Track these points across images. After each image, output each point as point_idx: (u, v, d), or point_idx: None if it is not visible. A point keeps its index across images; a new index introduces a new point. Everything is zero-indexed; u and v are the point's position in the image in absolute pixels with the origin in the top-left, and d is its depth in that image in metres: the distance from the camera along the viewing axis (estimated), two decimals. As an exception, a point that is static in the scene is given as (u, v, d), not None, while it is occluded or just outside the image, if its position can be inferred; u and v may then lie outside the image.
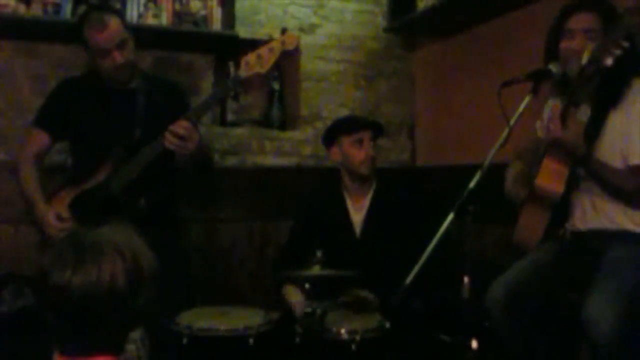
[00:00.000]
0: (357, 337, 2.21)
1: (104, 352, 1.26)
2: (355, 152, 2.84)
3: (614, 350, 1.83)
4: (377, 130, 2.92)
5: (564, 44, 2.23)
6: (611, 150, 2.12)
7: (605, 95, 2.11)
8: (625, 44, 1.93)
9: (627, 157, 2.10)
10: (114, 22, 2.60)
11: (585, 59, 2.02)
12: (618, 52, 1.93)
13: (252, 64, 2.57)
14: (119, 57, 2.60)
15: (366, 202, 2.84)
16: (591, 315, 1.87)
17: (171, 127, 2.52)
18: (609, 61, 1.96)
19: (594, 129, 2.12)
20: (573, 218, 2.30)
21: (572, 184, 2.22)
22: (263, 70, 2.59)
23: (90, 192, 2.58)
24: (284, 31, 2.62)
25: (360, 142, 2.84)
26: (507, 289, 2.18)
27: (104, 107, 2.71)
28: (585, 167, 2.15)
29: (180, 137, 2.51)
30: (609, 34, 1.97)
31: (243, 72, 2.58)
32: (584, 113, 2.15)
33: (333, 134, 2.92)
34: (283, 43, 2.58)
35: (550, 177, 2.19)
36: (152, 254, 1.31)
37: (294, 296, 2.60)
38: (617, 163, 2.12)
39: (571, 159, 2.13)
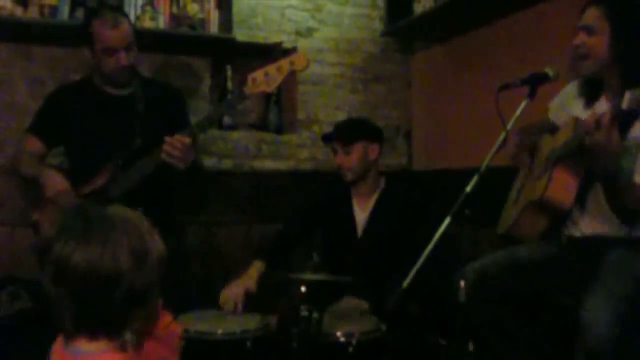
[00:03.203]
0: (354, 340, 2.21)
1: (104, 334, 1.25)
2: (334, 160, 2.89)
3: (610, 354, 1.83)
4: (351, 137, 2.85)
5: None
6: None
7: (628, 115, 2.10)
8: None
9: (633, 173, 2.07)
10: (126, 24, 2.64)
11: (625, 104, 1.94)
12: None
13: (259, 82, 2.52)
14: (124, 59, 2.61)
15: (372, 202, 2.85)
16: (587, 319, 1.88)
17: (171, 141, 2.49)
18: None
19: None
20: (569, 223, 2.30)
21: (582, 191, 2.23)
22: (269, 89, 2.56)
23: (88, 197, 2.57)
24: (294, 50, 2.58)
25: (334, 151, 2.87)
26: (475, 272, 2.22)
27: (102, 113, 2.71)
28: (607, 180, 2.09)
29: (177, 151, 2.49)
30: None
31: (249, 90, 2.53)
32: None
33: None
34: (292, 63, 2.53)
35: (561, 189, 2.19)
36: (159, 239, 1.30)
37: (249, 270, 2.66)
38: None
39: (599, 170, 2.07)
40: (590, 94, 2.28)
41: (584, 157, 2.10)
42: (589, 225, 2.25)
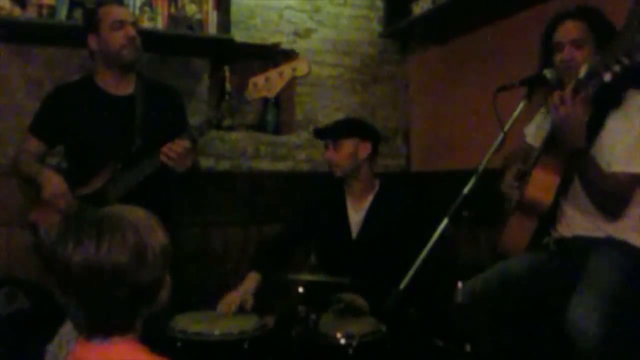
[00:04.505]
0: (354, 342, 2.21)
1: (119, 332, 1.27)
2: None
3: (600, 355, 1.83)
4: (342, 132, 2.87)
5: (557, 57, 2.25)
6: (600, 155, 2.14)
7: (604, 102, 2.13)
8: (625, 61, 1.92)
9: (610, 163, 2.11)
10: (129, 9, 2.78)
11: (582, 73, 2.01)
12: (617, 68, 1.93)
13: (260, 87, 2.52)
14: (132, 31, 2.65)
15: (366, 204, 2.85)
16: (575, 321, 1.88)
17: (170, 145, 2.49)
18: (607, 77, 1.96)
19: (590, 130, 2.12)
20: (559, 225, 2.31)
21: (561, 192, 2.24)
22: (270, 95, 2.55)
23: (86, 198, 2.57)
24: (294, 54, 2.58)
25: (326, 147, 2.88)
26: (471, 290, 2.21)
27: (102, 113, 2.69)
28: (578, 161, 2.12)
29: (177, 155, 2.49)
30: (609, 49, 1.95)
31: (250, 95, 2.53)
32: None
33: None
34: (294, 69, 2.52)
35: (540, 188, 2.21)
36: (162, 233, 1.31)
37: (246, 281, 2.68)
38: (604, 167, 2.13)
39: (568, 149, 2.09)
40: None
41: (558, 140, 2.12)
42: (570, 228, 2.27)
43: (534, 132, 2.49)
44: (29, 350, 2.37)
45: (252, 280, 2.68)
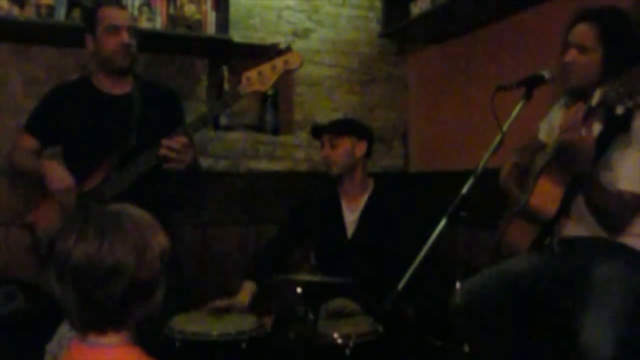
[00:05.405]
0: (351, 342, 2.21)
1: (111, 328, 1.28)
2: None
3: None
4: (340, 130, 2.89)
5: (563, 57, 2.24)
6: (606, 173, 2.12)
7: (613, 123, 2.12)
8: (639, 100, 1.92)
9: (617, 180, 2.10)
10: (129, 12, 2.77)
11: (595, 100, 2.00)
12: (630, 104, 1.92)
13: (253, 81, 2.53)
14: (126, 37, 2.63)
15: (361, 204, 2.85)
16: (590, 343, 1.86)
17: (167, 142, 2.49)
18: (619, 110, 1.96)
19: (599, 147, 2.10)
20: (562, 226, 2.30)
21: (566, 202, 2.23)
22: (263, 89, 2.57)
23: (82, 197, 2.55)
24: (288, 49, 2.58)
25: (322, 145, 2.90)
26: (465, 292, 2.19)
27: (99, 113, 2.70)
28: (584, 184, 2.12)
29: (176, 152, 2.49)
30: (625, 83, 1.92)
31: (243, 89, 2.54)
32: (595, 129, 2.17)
33: None
34: (286, 62, 2.54)
35: (544, 198, 2.21)
36: (163, 234, 1.32)
37: (241, 293, 2.67)
38: (609, 186, 2.12)
39: (574, 171, 2.10)
40: (573, 104, 2.28)
41: (564, 160, 2.12)
42: (573, 230, 2.26)
43: (547, 129, 2.48)
44: (28, 351, 2.37)
45: (246, 292, 2.67)
